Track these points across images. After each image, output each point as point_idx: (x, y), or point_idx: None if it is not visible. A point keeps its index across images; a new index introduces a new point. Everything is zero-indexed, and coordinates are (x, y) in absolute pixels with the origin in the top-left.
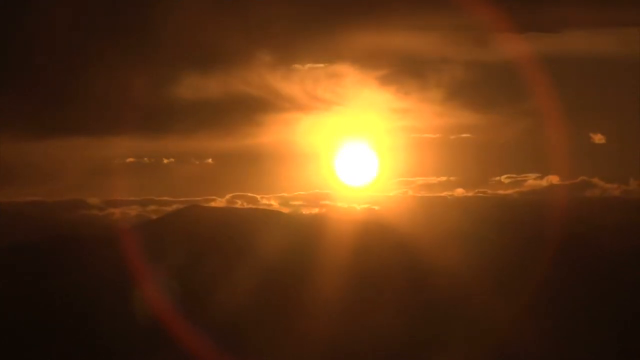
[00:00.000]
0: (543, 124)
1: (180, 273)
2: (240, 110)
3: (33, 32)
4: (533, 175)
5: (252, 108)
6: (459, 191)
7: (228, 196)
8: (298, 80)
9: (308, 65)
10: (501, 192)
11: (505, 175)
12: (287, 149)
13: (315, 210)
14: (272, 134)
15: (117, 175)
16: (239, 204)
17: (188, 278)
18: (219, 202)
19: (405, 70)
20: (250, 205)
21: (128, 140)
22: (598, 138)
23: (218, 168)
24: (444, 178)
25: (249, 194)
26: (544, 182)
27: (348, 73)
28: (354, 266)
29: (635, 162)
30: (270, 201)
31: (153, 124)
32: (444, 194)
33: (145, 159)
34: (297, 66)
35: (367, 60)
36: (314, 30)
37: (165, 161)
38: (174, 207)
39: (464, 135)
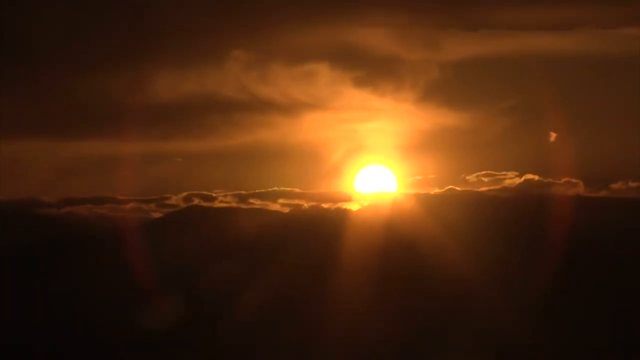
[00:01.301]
0: (522, 123)
1: (183, 273)
2: (216, 111)
3: None
4: (512, 174)
5: (227, 109)
6: (436, 188)
7: (184, 194)
8: (273, 81)
9: (283, 66)
10: (478, 189)
11: (484, 172)
12: (260, 148)
13: (277, 208)
14: (246, 134)
15: (75, 175)
16: (195, 201)
17: (191, 279)
18: (175, 200)
19: (380, 71)
20: (208, 204)
21: (97, 141)
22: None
23: (185, 167)
24: (419, 177)
25: (205, 192)
26: (521, 180)
27: (323, 74)
28: (367, 264)
29: (616, 164)
30: (227, 198)
31: (123, 125)
32: (422, 191)
33: (111, 158)
34: (272, 66)
35: (343, 60)
36: (289, 30)
37: (132, 161)
38: (130, 205)
39: (442, 133)
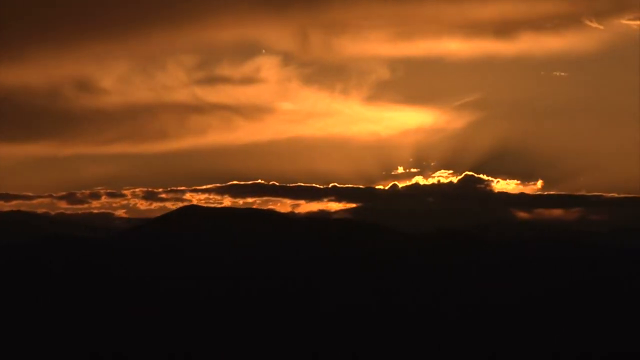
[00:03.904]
0: (471, 123)
1: (184, 271)
2: (164, 115)
3: None
4: (446, 173)
5: (174, 112)
6: (380, 184)
7: (87, 192)
8: (221, 83)
9: (231, 65)
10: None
11: (419, 170)
12: (194, 149)
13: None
14: (193, 136)
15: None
16: (103, 197)
17: (191, 278)
18: (80, 195)
19: (329, 69)
20: (111, 199)
21: (37, 144)
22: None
23: (112, 168)
24: (374, 176)
25: (113, 190)
26: (455, 179)
27: (272, 74)
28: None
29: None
30: (135, 192)
31: (70, 129)
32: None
33: (53, 159)
34: (219, 69)
35: (292, 59)
36: (238, 32)
37: (62, 162)
38: (39, 200)
39: (388, 132)
